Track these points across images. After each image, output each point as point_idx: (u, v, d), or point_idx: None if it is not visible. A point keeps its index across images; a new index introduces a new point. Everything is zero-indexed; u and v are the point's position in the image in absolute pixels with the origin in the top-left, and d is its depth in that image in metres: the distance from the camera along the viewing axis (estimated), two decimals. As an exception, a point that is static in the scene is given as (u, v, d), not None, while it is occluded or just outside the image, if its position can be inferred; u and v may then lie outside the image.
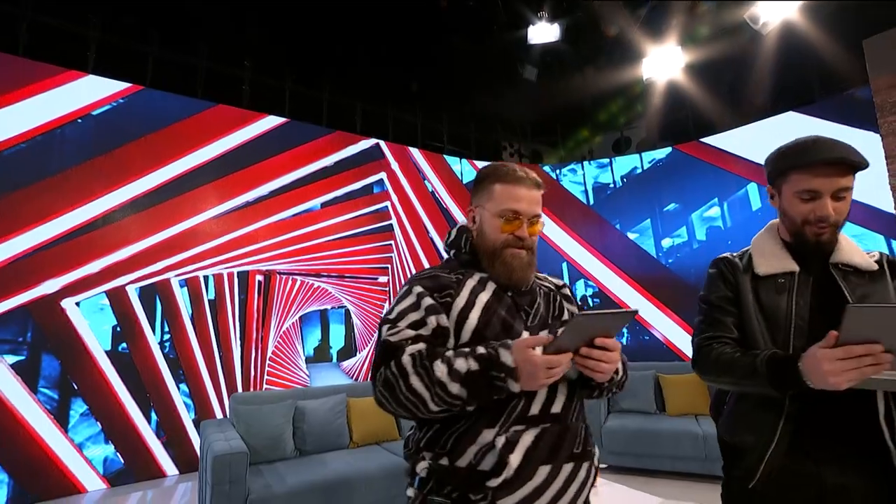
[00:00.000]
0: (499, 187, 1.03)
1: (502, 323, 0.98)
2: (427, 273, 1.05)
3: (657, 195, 6.00)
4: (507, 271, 1.01)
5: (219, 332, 4.29)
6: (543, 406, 0.95)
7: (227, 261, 4.41)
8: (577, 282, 6.33)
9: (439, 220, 6.02)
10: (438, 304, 0.98)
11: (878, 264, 1.07)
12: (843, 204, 1.04)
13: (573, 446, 0.96)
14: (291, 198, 4.83)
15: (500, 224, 1.01)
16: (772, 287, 1.10)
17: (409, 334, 0.95)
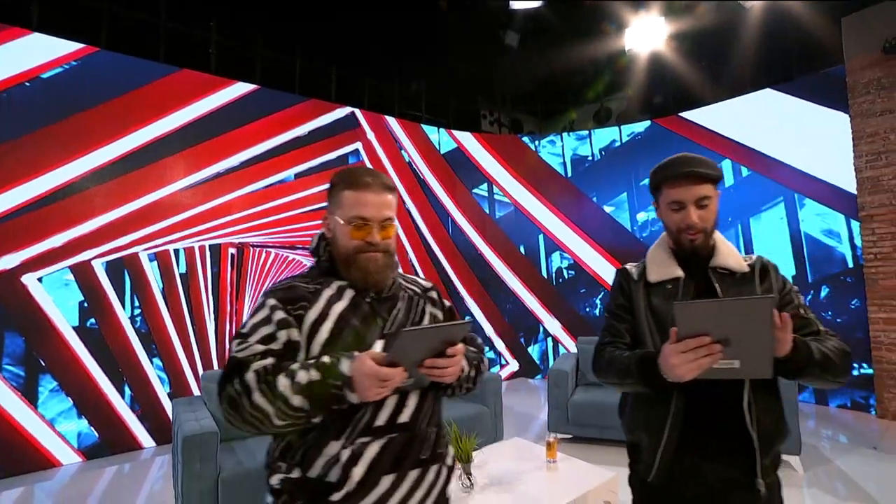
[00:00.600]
0: (347, 194, 1.02)
1: (354, 334, 0.99)
2: (284, 284, 1.04)
3: (634, 169, 6.00)
4: (362, 275, 1.02)
5: (191, 306, 4.21)
6: (391, 416, 0.98)
7: (198, 234, 4.28)
8: (552, 254, 6.38)
9: (416, 192, 5.93)
10: (291, 318, 0.98)
11: (750, 267, 1.19)
12: (707, 211, 1.16)
13: (420, 452, 1.01)
14: (264, 168, 4.67)
15: (350, 231, 1.01)
16: (661, 293, 1.20)
17: (257, 349, 0.95)
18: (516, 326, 6.44)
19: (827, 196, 4.65)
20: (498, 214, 6.45)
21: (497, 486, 2.36)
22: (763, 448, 1.06)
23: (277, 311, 0.98)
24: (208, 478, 2.36)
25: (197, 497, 2.31)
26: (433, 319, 1.14)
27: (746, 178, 5.19)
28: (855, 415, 4.38)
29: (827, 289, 4.67)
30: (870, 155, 4.31)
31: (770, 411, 1.09)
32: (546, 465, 2.60)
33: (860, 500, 2.74)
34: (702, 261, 1.19)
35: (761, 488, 1.06)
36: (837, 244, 4.61)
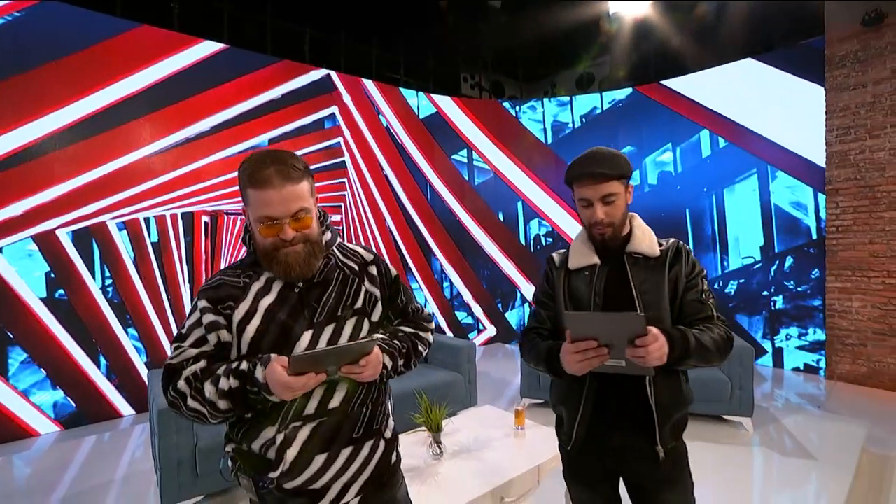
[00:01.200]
0: (250, 192, 0.97)
1: (281, 328, 1.01)
2: (215, 281, 1.05)
3: (614, 137, 5.96)
4: (284, 270, 1.01)
5: (165, 275, 4.14)
6: (320, 403, 1.03)
7: (169, 202, 4.15)
8: (531, 221, 6.40)
9: (395, 157, 5.81)
10: (220, 317, 1.00)
11: (662, 252, 1.26)
12: (613, 207, 1.21)
13: (353, 432, 1.06)
14: (236, 133, 4.49)
15: (261, 229, 0.98)
16: (580, 279, 1.29)
17: (190, 354, 1.00)
18: (494, 292, 6.53)
19: (798, 169, 4.73)
20: (477, 181, 6.39)
21: (466, 454, 2.46)
22: (661, 418, 1.20)
23: (207, 314, 1.01)
24: (185, 448, 2.40)
25: (175, 467, 2.36)
26: (369, 298, 1.12)
27: (723, 150, 5.21)
28: (806, 377, 4.65)
29: (791, 259, 4.83)
30: (840, 129, 4.36)
31: (669, 386, 1.22)
32: (514, 432, 2.71)
33: (802, 455, 2.95)
34: (617, 247, 1.27)
35: (660, 453, 1.21)
36: (804, 216, 4.74)
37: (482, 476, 2.25)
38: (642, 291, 1.22)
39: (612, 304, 1.23)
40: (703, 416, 3.43)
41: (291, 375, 0.90)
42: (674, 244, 1.28)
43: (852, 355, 4.36)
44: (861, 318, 4.30)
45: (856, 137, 4.27)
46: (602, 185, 1.20)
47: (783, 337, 4.90)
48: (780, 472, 2.86)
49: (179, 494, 2.36)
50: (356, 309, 1.09)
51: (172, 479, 2.35)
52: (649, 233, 1.29)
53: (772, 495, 2.64)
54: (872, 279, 4.22)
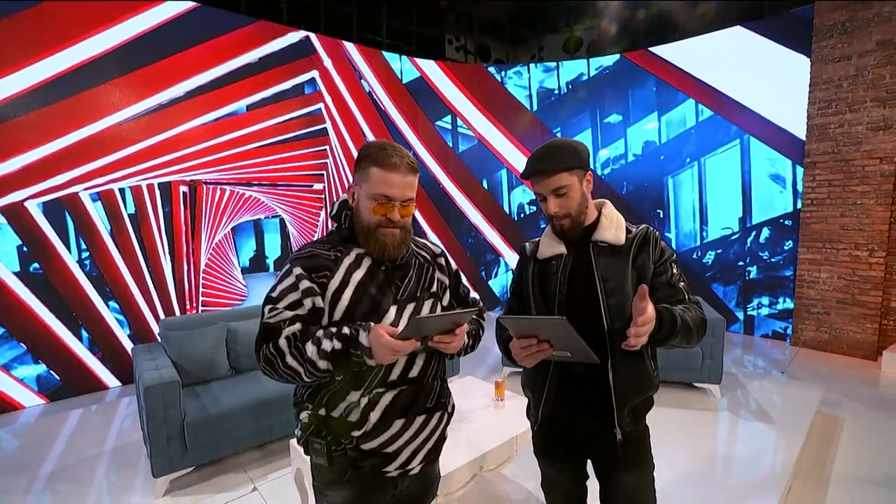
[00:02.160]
0: (375, 171, 1.08)
1: (371, 301, 1.11)
2: (307, 252, 1.12)
3: (600, 104, 5.87)
4: (379, 249, 1.11)
5: (144, 247, 4.06)
6: (402, 372, 1.13)
7: (144, 171, 4.01)
8: (515, 189, 6.38)
9: (377, 124, 5.66)
10: (315, 286, 1.08)
11: (629, 240, 1.27)
12: (566, 199, 1.23)
13: (427, 402, 1.18)
14: (212, 99, 4.30)
15: (373, 206, 1.09)
16: (547, 268, 1.32)
17: (286, 316, 1.07)
18: (477, 260, 6.58)
19: (778, 141, 4.76)
20: (461, 148, 6.29)
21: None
22: (619, 401, 1.24)
23: (303, 280, 1.08)
24: (174, 423, 2.42)
25: (164, 442, 2.39)
26: (441, 285, 1.26)
27: (707, 120, 5.19)
28: (773, 343, 4.86)
29: (767, 231, 4.94)
30: (822, 102, 4.37)
31: (632, 371, 1.26)
32: (494, 402, 2.80)
33: (762, 419, 3.14)
34: (584, 237, 1.29)
35: (617, 435, 1.25)
36: (782, 189, 4.81)
37: (462, 446, 2.33)
38: (605, 279, 1.23)
39: (575, 292, 1.26)
40: (674, 384, 3.59)
41: (398, 339, 0.99)
42: (642, 231, 1.29)
43: (816, 323, 4.55)
44: (827, 288, 4.47)
45: (836, 111, 4.29)
46: (550, 179, 1.22)
47: (755, 305, 5.08)
48: (742, 434, 3.03)
49: (170, 467, 2.41)
50: (432, 292, 1.22)
51: (162, 453, 2.39)
52: (617, 220, 1.29)
53: (733, 456, 2.81)
54: (841, 251, 4.36)
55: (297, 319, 1.08)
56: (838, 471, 2.57)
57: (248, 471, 2.64)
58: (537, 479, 2.52)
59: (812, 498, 2.35)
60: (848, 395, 3.53)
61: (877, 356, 4.22)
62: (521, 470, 2.63)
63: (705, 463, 2.60)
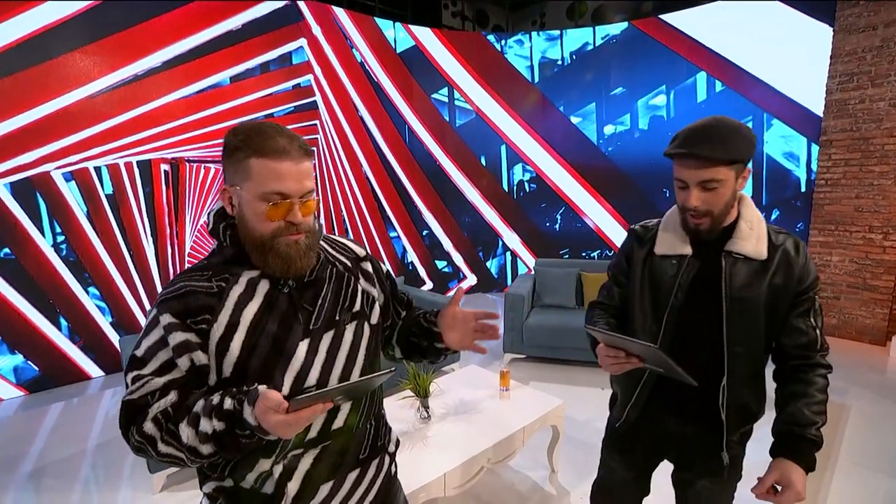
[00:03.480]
0: (256, 163, 0.82)
1: (273, 342, 0.87)
2: (178, 289, 0.86)
3: (605, 77, 5.79)
4: (283, 264, 0.87)
5: (125, 229, 3.97)
6: (323, 426, 0.93)
7: (122, 148, 3.89)
8: (514, 166, 6.32)
9: (370, 97, 5.53)
10: (193, 335, 0.84)
11: (770, 254, 1.12)
12: (714, 195, 1.06)
13: (358, 453, 1.00)
14: (192, 70, 4.15)
15: (265, 210, 0.84)
16: (664, 266, 1.19)
17: (154, 385, 0.83)
18: (475, 240, 6.56)
19: (794, 118, 4.73)
20: (458, 122, 6.18)
21: (454, 416, 2.57)
22: (730, 428, 1.17)
23: (174, 332, 0.83)
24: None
25: None
26: (367, 298, 1.02)
27: (719, 94, 5.15)
28: (781, 327, 4.95)
29: (777, 211, 4.97)
30: (843, 76, 4.33)
31: (744, 401, 1.17)
32: (499, 393, 2.83)
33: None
34: (716, 241, 1.14)
35: (725, 460, 1.18)
36: (795, 168, 4.82)
37: (470, 439, 2.36)
38: (734, 298, 1.10)
39: (694, 303, 1.14)
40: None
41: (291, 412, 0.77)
42: (789, 243, 1.13)
43: (825, 307, 4.63)
44: (838, 272, 4.53)
45: (857, 85, 4.26)
46: (704, 169, 1.04)
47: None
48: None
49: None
50: (355, 312, 0.98)
51: None
52: (759, 227, 1.13)
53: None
54: (854, 234, 4.41)
55: (171, 387, 0.84)
56: (844, 459, 2.64)
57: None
58: (545, 469, 2.61)
59: (816, 486, 2.40)
60: (855, 381, 3.61)
61: (885, 341, 4.31)
62: (528, 461, 2.68)
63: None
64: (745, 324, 1.11)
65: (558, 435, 2.58)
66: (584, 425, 3.05)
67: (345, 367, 0.94)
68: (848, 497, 2.33)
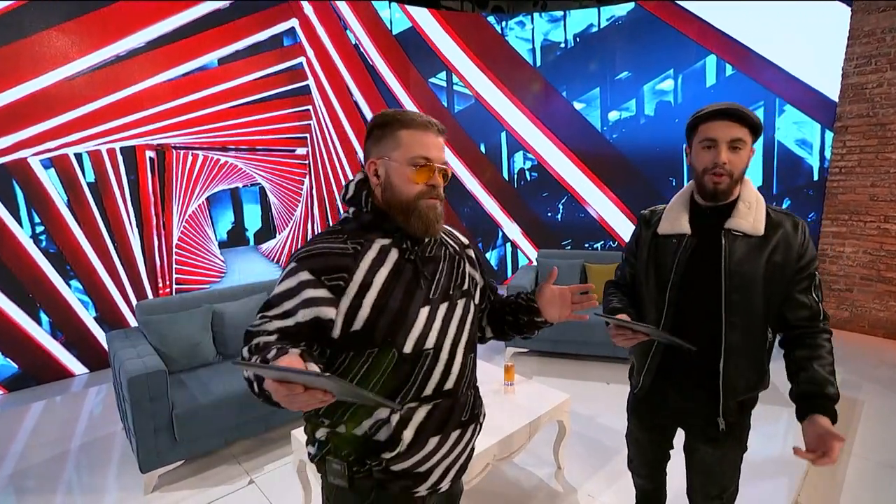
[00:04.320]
0: (405, 133, 1.01)
1: (399, 305, 1.01)
2: (319, 248, 1.00)
3: (611, 60, 5.76)
4: (424, 225, 1.02)
5: (108, 219, 3.93)
6: (437, 385, 1.06)
7: (103, 134, 3.84)
8: (515, 153, 6.31)
9: (365, 81, 5.49)
10: (325, 292, 0.97)
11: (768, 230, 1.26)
12: (737, 156, 1.24)
13: (461, 415, 1.13)
14: (177, 51, 4.10)
15: (412, 173, 1.01)
16: (666, 245, 1.36)
17: (269, 327, 0.96)
18: (474, 230, 6.55)
19: (808, 103, 4.73)
20: (457, 108, 6.16)
21: (457, 412, 2.59)
22: (727, 395, 1.31)
23: (308, 289, 0.96)
24: (161, 415, 2.39)
25: (151, 435, 2.36)
26: (472, 281, 1.18)
27: (730, 78, 5.14)
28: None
29: (789, 200, 4.99)
30: (860, 58, 4.33)
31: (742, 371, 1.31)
32: (504, 387, 2.84)
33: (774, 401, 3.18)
34: (717, 220, 1.29)
35: (721, 425, 1.33)
36: (807, 155, 4.83)
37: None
38: (732, 273, 1.24)
39: (693, 279, 1.30)
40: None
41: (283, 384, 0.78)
42: (788, 221, 1.27)
43: (837, 300, 4.67)
44: (851, 263, 4.57)
45: (876, 68, 4.26)
46: (735, 127, 1.21)
47: (772, 280, 5.18)
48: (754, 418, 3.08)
49: (159, 461, 2.40)
50: (464, 290, 1.14)
51: (150, 447, 2.36)
52: (757, 205, 1.28)
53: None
54: (868, 224, 4.43)
55: (279, 332, 0.95)
56: (856, 455, 2.66)
57: (241, 462, 2.65)
58: (550, 466, 2.62)
59: (829, 483, 2.43)
60: (867, 376, 3.63)
61: (899, 334, 4.37)
62: (533, 458, 2.69)
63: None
64: (742, 297, 1.25)
65: (565, 430, 2.59)
66: (589, 420, 3.06)
67: (455, 335, 1.08)
68: (861, 495, 2.35)
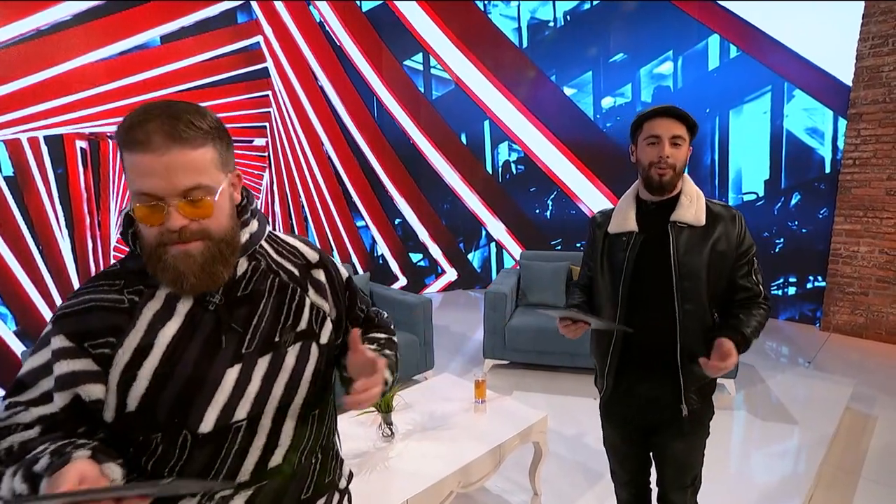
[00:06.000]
0: (125, 158, 0.77)
1: (193, 370, 0.83)
2: (81, 301, 0.83)
3: (604, 41, 5.70)
4: (172, 280, 0.81)
5: (31, 219, 3.77)
6: (258, 463, 0.90)
7: (23, 120, 3.67)
8: (499, 145, 6.24)
9: (332, 64, 5.39)
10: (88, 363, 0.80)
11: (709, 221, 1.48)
12: (679, 151, 1.46)
13: (301, 493, 0.98)
14: (112, 26, 3.94)
15: (139, 214, 0.79)
16: (617, 243, 1.56)
17: (25, 419, 0.79)
18: (455, 230, 6.47)
19: (819, 88, 4.65)
20: (435, 94, 6.09)
21: (420, 433, 2.48)
22: (686, 383, 1.49)
23: (63, 361, 0.79)
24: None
25: None
26: (316, 314, 0.98)
27: (734, 61, 5.08)
28: (800, 328, 4.93)
29: (798, 195, 4.94)
30: (876, 38, 4.27)
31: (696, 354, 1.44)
32: (474, 405, 2.74)
33: (782, 419, 3.19)
34: (662, 215, 1.51)
35: (684, 411, 1.51)
36: (819, 145, 4.78)
37: (437, 460, 2.26)
38: (681, 262, 1.46)
39: (645, 271, 1.50)
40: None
41: None
42: (727, 213, 1.50)
43: (852, 305, 4.62)
44: (866, 263, 4.51)
45: (893, 49, 4.18)
46: (676, 125, 1.44)
47: (780, 284, 5.13)
48: (760, 435, 3.09)
49: None
50: (300, 331, 0.94)
51: None
52: (696, 198, 1.50)
53: (748, 460, 2.88)
54: (885, 220, 4.38)
55: (41, 422, 0.79)
56: (868, 477, 2.64)
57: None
58: (525, 493, 2.54)
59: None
60: (883, 388, 3.59)
61: (919, 342, 4.32)
62: (507, 482, 2.63)
63: (717, 468, 2.59)
64: (692, 283, 1.46)
65: (541, 453, 2.55)
66: (572, 441, 2.99)
67: (283, 396, 0.91)
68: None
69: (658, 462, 1.68)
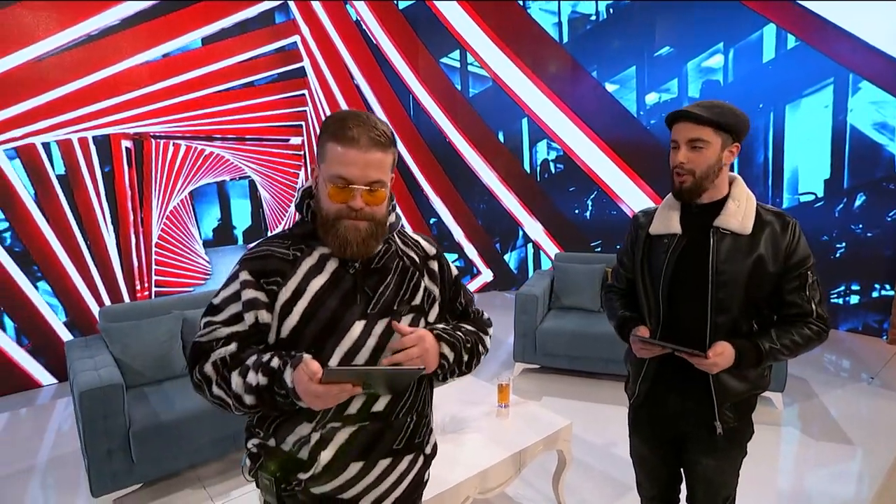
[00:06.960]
0: (331, 147, 1.05)
1: (331, 315, 1.08)
2: (260, 251, 1.12)
3: (649, 34, 5.62)
4: (340, 245, 1.07)
5: (80, 215, 4.08)
6: (363, 405, 1.11)
7: (75, 122, 3.99)
8: (538, 143, 6.24)
9: (368, 62, 5.54)
10: (262, 294, 1.08)
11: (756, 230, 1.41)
12: (699, 155, 1.40)
13: (394, 442, 1.16)
14: (156, 30, 4.22)
15: (330, 190, 1.05)
16: (658, 245, 1.53)
17: (220, 334, 1.08)
18: (491, 230, 6.51)
19: (889, 78, 4.42)
20: (472, 92, 6.15)
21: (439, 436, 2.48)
22: (720, 398, 1.46)
23: (247, 289, 1.08)
24: (116, 434, 2.43)
25: (105, 455, 2.41)
26: (428, 295, 1.22)
27: (792, 52, 4.92)
28: (864, 340, 4.73)
29: (863, 196, 4.74)
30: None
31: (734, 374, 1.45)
32: (496, 410, 2.80)
33: (836, 439, 3.06)
34: (706, 219, 1.46)
35: (718, 429, 1.48)
36: (888, 141, 4.57)
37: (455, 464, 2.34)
38: (720, 270, 1.41)
39: (684, 277, 1.46)
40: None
41: (323, 384, 0.94)
42: (778, 222, 1.42)
43: (924, 317, 4.42)
44: (938, 270, 4.32)
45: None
46: (692, 126, 1.38)
47: (842, 292, 4.95)
48: (809, 457, 2.98)
49: (113, 484, 2.44)
50: (413, 305, 1.17)
51: (103, 469, 2.41)
52: (746, 204, 1.43)
53: (795, 484, 2.75)
54: (957, 224, 4.18)
55: (234, 338, 1.08)
56: None
57: (207, 487, 2.68)
58: (548, 501, 2.57)
59: None
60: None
61: None
62: (530, 490, 2.65)
63: (757, 487, 2.55)
64: (727, 295, 1.41)
65: (565, 461, 2.54)
66: (601, 450, 2.98)
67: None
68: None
69: (688, 478, 1.65)
